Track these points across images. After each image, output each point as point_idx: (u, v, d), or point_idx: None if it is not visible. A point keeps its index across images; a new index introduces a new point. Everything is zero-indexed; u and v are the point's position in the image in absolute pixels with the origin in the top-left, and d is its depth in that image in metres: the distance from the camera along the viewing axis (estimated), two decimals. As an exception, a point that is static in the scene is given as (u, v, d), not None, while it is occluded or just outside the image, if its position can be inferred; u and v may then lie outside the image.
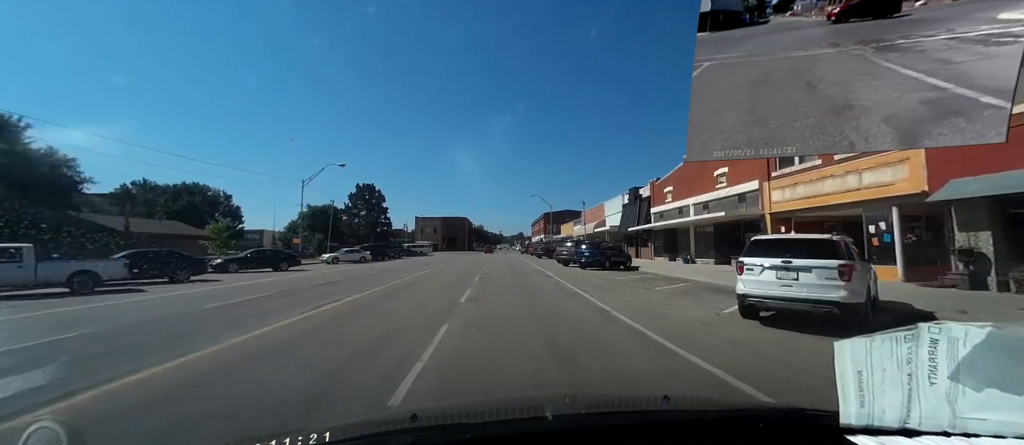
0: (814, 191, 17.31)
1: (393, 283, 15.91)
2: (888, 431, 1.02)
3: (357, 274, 21.27)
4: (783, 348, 5.59)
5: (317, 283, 16.22)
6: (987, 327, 0.94)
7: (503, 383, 4.39)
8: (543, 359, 5.11)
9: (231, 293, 12.96)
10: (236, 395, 3.97)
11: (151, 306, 10.38)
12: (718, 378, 4.39)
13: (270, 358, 5.25)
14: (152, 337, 6.55)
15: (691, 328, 7.00)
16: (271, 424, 3.29)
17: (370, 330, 6.87)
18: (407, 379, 4.28)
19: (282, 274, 22.61)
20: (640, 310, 9.01)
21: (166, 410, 3.66)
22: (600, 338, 6.37)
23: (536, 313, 8.69)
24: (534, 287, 14.28)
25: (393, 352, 5.41)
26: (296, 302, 10.51)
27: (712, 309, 9.02)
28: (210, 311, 9.29)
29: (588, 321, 7.78)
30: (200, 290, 14.31)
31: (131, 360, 5.05)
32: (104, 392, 3.99)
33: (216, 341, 6.05)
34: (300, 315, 8.45)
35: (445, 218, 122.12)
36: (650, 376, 4.59)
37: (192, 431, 3.18)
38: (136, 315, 8.93)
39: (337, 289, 13.76)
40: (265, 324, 7.39)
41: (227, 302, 10.73)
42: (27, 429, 1.11)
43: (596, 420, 1.47)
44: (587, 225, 56.34)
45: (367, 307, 9.72)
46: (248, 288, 14.48)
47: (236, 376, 4.54)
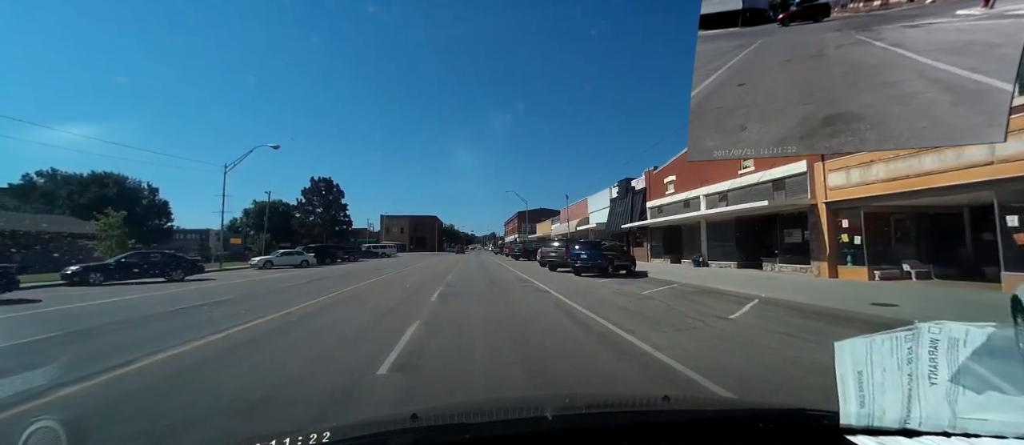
0: (904, 170, 12.68)
1: (303, 306, 10.43)
2: (888, 431, 1.01)
3: (274, 288, 15.26)
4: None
5: (172, 309, 10.09)
6: (988, 327, 0.95)
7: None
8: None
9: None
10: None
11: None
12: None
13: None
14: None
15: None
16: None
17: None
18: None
19: (165, 287, 16.06)
20: (774, 369, 4.87)
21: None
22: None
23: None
24: (528, 315, 8.76)
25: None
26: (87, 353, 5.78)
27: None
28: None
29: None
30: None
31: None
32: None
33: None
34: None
35: (413, 217, 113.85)
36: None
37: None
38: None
39: (187, 323, 8.08)
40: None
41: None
42: (27, 429, 1.23)
43: (596, 420, 1.46)
44: (569, 222, 51.04)
45: (211, 367, 5.14)
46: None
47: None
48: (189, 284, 17.61)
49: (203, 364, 5.22)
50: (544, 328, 7.25)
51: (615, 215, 37.28)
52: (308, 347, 6.06)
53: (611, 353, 5.59)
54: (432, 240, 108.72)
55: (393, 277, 19.80)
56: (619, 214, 36.17)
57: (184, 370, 4.98)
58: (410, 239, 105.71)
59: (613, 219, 37.50)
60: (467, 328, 7.25)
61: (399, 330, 6.90)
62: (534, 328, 7.24)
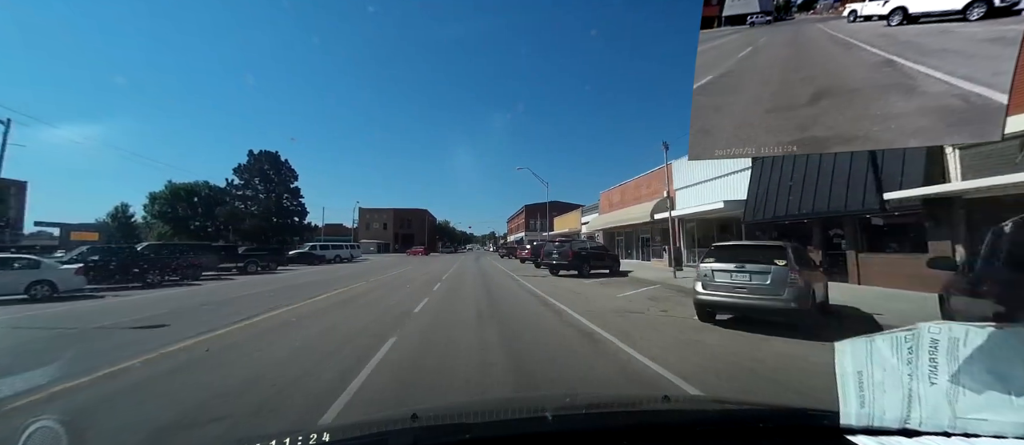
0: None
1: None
2: (888, 431, 1.01)
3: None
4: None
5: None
6: (988, 327, 0.95)
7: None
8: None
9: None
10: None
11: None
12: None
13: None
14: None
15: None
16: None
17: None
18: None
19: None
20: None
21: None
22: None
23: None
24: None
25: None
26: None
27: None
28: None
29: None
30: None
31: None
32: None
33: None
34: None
35: (398, 210, 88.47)
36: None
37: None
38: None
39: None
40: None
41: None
42: (27, 429, 1.20)
43: (596, 420, 1.46)
44: (625, 210, 28.95)
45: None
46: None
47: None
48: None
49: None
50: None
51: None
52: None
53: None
54: (422, 238, 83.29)
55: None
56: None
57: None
58: (395, 236, 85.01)
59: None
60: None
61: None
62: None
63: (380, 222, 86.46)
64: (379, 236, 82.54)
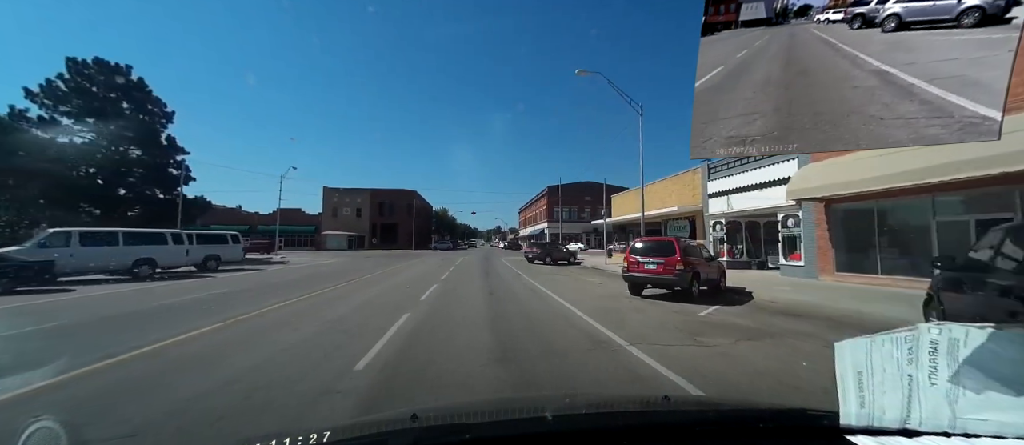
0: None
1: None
2: (888, 431, 1.01)
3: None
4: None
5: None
6: (988, 328, 0.95)
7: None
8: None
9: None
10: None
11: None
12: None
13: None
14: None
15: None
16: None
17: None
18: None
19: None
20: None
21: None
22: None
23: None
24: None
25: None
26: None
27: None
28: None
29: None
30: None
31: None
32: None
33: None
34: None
35: (375, 191, 63.19)
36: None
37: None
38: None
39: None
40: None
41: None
42: (27, 429, 1.17)
43: (596, 420, 1.46)
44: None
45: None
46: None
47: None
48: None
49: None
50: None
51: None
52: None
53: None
54: (407, 228, 62.05)
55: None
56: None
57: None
58: (373, 228, 61.66)
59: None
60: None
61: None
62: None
63: (352, 206, 61.48)
64: (351, 226, 60.14)
